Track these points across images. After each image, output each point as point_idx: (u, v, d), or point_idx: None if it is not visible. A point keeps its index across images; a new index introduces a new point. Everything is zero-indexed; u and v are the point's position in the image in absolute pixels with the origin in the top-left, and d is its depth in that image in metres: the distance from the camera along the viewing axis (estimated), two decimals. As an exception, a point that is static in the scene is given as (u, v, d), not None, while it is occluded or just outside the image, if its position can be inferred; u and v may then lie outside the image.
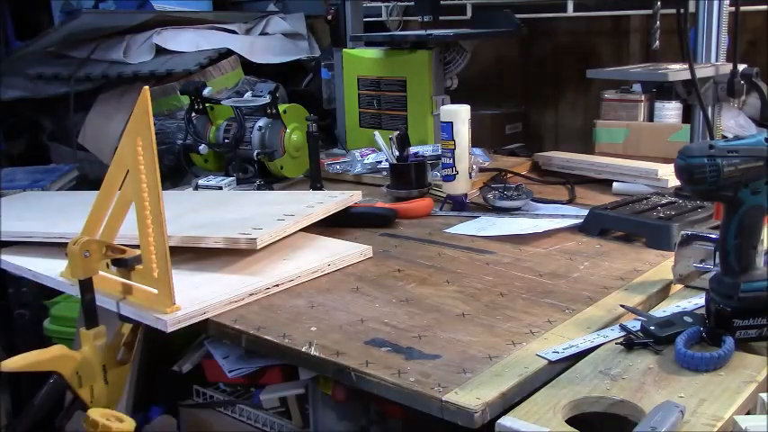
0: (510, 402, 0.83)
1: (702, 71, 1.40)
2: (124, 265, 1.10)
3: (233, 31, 2.87)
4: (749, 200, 0.86)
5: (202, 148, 1.88)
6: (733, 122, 1.82)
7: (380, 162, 1.86)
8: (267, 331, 1.03)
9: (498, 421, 0.78)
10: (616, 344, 0.92)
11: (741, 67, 1.40)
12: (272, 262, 1.26)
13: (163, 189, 1.02)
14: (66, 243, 1.07)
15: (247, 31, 2.94)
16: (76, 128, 2.62)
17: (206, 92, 1.89)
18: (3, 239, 1.38)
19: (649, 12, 1.59)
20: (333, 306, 1.11)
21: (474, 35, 2.02)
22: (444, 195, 1.61)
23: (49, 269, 1.26)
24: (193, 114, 1.92)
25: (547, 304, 1.07)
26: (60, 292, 1.36)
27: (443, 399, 0.82)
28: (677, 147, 0.88)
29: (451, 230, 1.45)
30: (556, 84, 2.57)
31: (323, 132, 2.02)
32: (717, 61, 1.46)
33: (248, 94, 1.85)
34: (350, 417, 1.29)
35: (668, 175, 1.57)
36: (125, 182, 1.06)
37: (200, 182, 1.80)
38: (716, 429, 0.74)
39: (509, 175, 1.80)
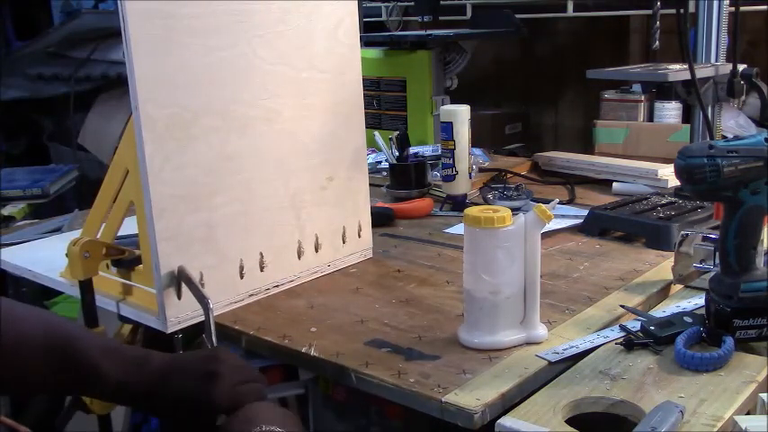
0: (510, 403, 0.83)
1: (702, 71, 1.40)
2: (124, 265, 1.10)
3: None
4: (749, 200, 0.86)
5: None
6: (733, 122, 1.82)
7: (380, 162, 1.86)
8: (267, 332, 1.03)
9: (498, 421, 0.78)
10: (616, 344, 0.92)
11: (741, 67, 1.40)
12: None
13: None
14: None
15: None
16: (76, 128, 2.62)
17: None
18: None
19: (649, 12, 1.59)
20: (333, 306, 1.11)
21: (474, 35, 2.02)
22: (444, 195, 1.61)
23: (49, 269, 1.26)
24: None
25: (547, 305, 1.07)
26: (60, 292, 1.36)
27: (443, 399, 0.82)
28: (677, 147, 0.88)
29: (451, 230, 1.45)
30: (556, 84, 2.58)
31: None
32: (717, 61, 1.46)
33: (248, 95, 1.85)
34: (350, 417, 1.28)
35: (668, 175, 1.57)
36: (125, 182, 1.06)
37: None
38: (716, 429, 0.74)
39: (509, 175, 1.80)
